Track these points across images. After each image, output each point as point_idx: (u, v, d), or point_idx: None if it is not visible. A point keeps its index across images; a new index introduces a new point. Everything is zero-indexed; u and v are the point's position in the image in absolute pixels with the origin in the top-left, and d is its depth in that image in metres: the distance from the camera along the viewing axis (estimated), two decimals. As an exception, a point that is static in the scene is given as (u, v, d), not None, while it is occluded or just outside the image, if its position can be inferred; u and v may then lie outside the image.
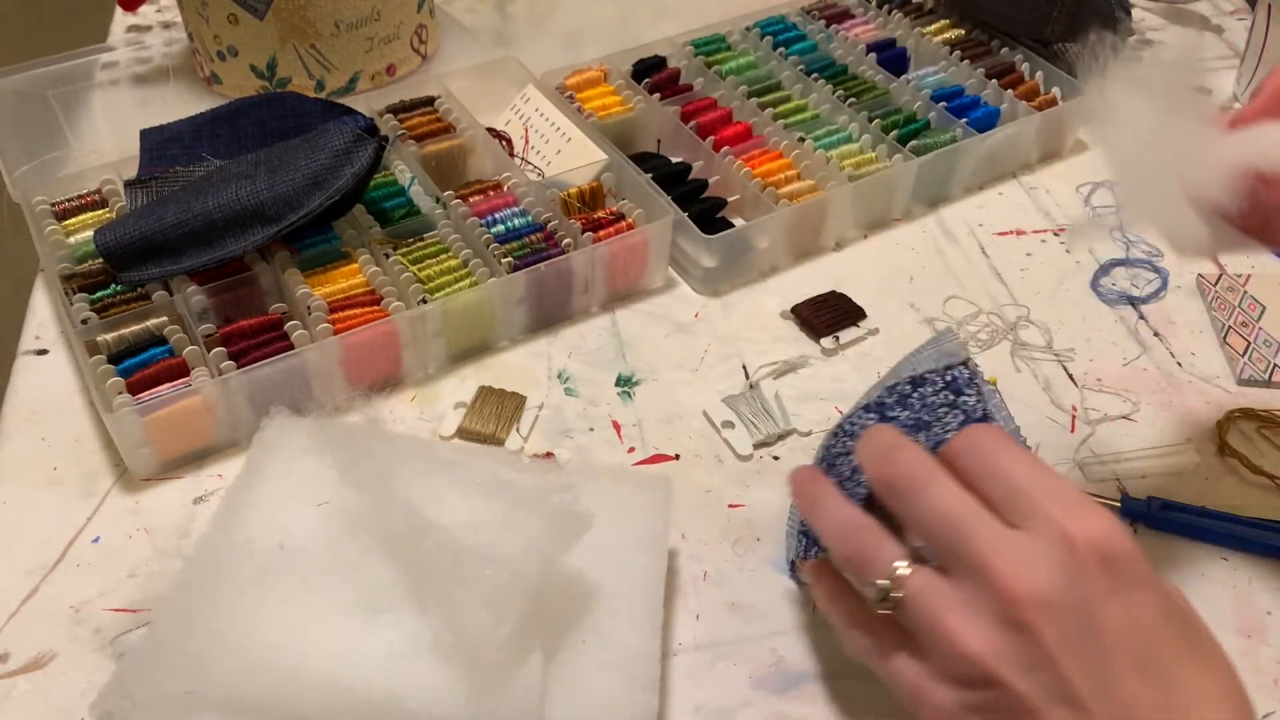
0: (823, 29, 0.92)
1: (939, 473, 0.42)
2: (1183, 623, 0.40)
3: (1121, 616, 0.38)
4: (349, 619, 0.47)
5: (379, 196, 0.73)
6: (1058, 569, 0.38)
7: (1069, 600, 0.38)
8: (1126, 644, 0.38)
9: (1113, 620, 0.38)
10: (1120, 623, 0.38)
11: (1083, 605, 0.38)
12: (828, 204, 0.75)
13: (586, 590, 0.51)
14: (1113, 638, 0.38)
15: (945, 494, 0.41)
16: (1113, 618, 0.38)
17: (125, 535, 0.58)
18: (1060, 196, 0.82)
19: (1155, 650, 0.38)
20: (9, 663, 0.52)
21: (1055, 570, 0.38)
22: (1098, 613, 0.38)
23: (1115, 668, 0.38)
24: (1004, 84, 0.85)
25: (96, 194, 0.74)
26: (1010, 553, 0.39)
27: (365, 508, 0.50)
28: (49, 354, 0.68)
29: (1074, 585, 0.38)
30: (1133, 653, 0.38)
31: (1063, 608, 0.38)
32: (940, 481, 0.42)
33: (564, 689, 0.47)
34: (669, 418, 0.65)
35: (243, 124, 0.77)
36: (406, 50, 0.90)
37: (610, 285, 0.72)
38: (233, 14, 0.83)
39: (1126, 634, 0.38)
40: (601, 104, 0.84)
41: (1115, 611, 0.38)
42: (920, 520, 0.42)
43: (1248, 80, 0.91)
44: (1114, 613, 0.38)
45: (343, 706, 0.45)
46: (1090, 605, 0.38)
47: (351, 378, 0.64)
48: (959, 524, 0.40)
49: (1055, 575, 0.38)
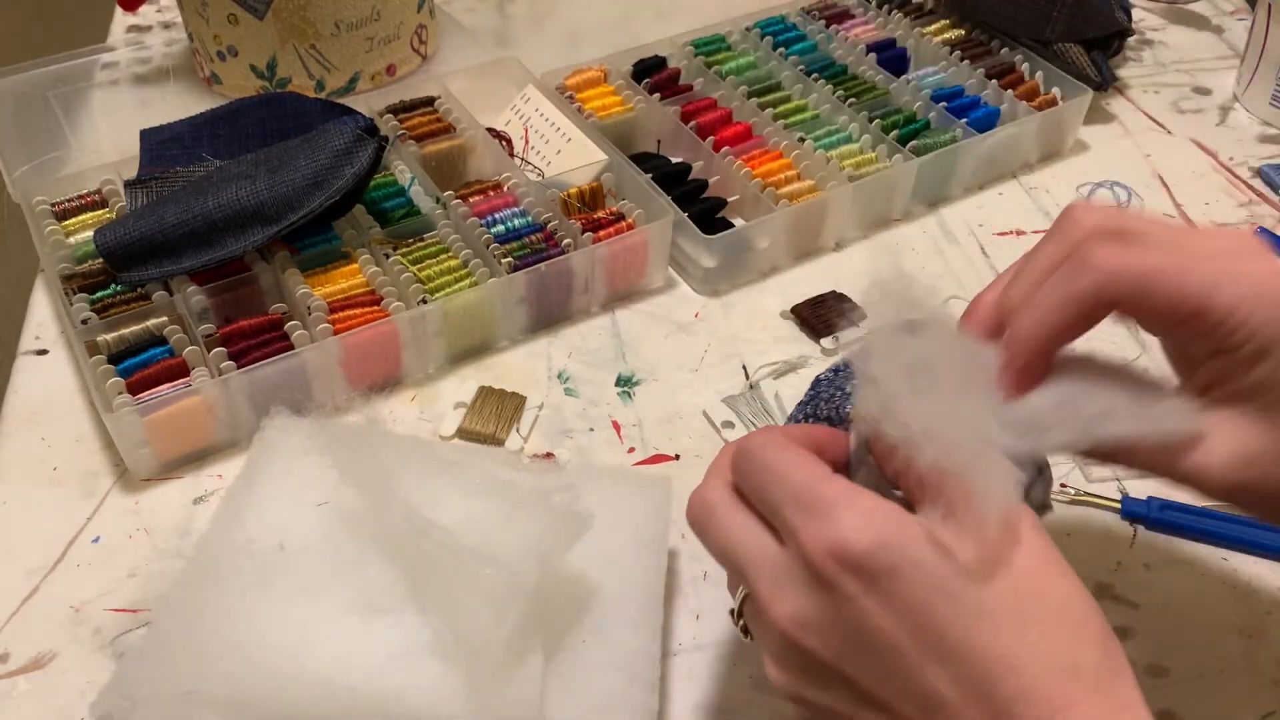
0: (823, 29, 0.92)
1: (716, 507, 0.42)
2: (965, 588, 0.36)
3: (885, 612, 0.36)
4: (349, 619, 0.47)
5: (379, 196, 0.73)
6: (804, 588, 0.38)
7: (826, 616, 0.37)
8: (904, 636, 0.36)
9: (879, 619, 0.36)
10: (887, 619, 0.36)
11: (841, 615, 0.37)
12: (828, 204, 0.75)
13: (586, 590, 0.51)
14: (887, 635, 0.36)
15: (720, 530, 0.42)
16: (877, 616, 0.36)
17: (125, 535, 0.58)
18: (1060, 196, 0.82)
19: (938, 630, 0.36)
20: (9, 663, 0.52)
21: (802, 590, 0.38)
22: (861, 617, 0.37)
23: (904, 662, 0.36)
24: (1004, 84, 0.85)
25: (96, 194, 0.74)
26: (769, 578, 0.39)
27: (365, 508, 0.50)
28: (49, 354, 0.68)
29: (824, 599, 0.37)
30: (915, 641, 0.36)
31: (823, 624, 0.37)
32: (716, 517, 0.42)
33: (564, 689, 0.47)
34: (669, 418, 0.65)
35: (243, 124, 0.77)
36: (406, 50, 0.90)
37: (610, 285, 0.72)
38: (233, 14, 0.83)
39: (899, 626, 0.36)
40: (601, 104, 0.84)
41: (876, 608, 0.36)
42: (713, 556, 0.42)
43: (1248, 80, 0.91)
44: (876, 610, 0.36)
45: (343, 706, 0.45)
46: (849, 612, 0.37)
47: (351, 378, 0.64)
48: (735, 558, 0.41)
49: (803, 595, 0.38)
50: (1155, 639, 0.53)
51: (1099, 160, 0.86)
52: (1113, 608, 0.54)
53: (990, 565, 0.36)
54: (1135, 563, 0.57)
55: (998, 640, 0.35)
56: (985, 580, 0.36)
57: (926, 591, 0.36)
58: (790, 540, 0.38)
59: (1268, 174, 0.84)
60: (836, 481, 0.39)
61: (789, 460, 0.40)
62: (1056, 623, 0.36)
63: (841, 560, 0.37)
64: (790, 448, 0.40)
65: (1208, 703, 0.50)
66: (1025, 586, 0.36)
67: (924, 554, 0.36)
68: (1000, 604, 0.36)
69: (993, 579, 0.36)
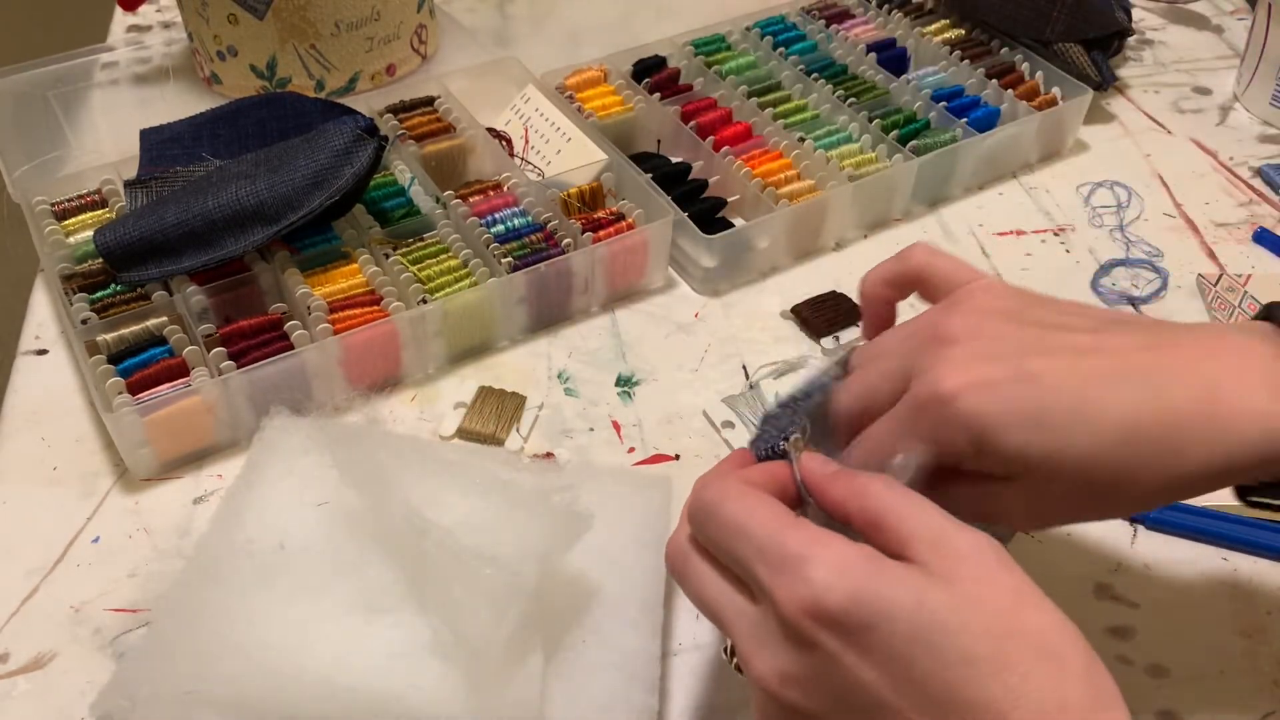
0: (823, 29, 0.92)
1: (689, 559, 0.41)
2: (944, 636, 0.35)
3: (866, 666, 0.36)
4: (349, 619, 0.47)
5: (379, 196, 0.73)
6: (783, 646, 0.37)
7: (807, 671, 0.37)
8: (886, 688, 0.35)
9: (860, 673, 0.36)
10: (868, 673, 0.36)
11: (822, 671, 0.36)
12: (828, 204, 0.75)
13: (586, 590, 0.51)
14: (870, 688, 0.35)
15: (694, 584, 0.41)
16: (858, 670, 0.36)
17: (125, 535, 0.58)
18: (1060, 196, 0.82)
19: (920, 681, 0.35)
20: (9, 663, 0.52)
21: (781, 647, 0.37)
22: (842, 672, 0.36)
23: (888, 714, 0.35)
24: (1004, 84, 0.85)
25: (96, 194, 0.74)
26: (747, 634, 0.38)
27: (365, 508, 0.50)
28: (49, 354, 0.68)
29: (804, 656, 0.37)
30: (897, 693, 0.35)
31: (805, 679, 0.37)
32: (689, 568, 0.41)
33: (564, 689, 0.47)
34: (669, 418, 0.65)
35: (243, 124, 0.77)
36: (406, 50, 0.90)
37: (610, 285, 0.72)
38: (233, 14, 0.83)
39: (881, 679, 0.35)
40: (601, 104, 0.84)
41: (856, 662, 0.36)
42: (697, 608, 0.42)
43: (1248, 80, 0.91)
44: (856, 664, 0.36)
45: (343, 706, 0.45)
46: (829, 668, 0.36)
47: (351, 378, 0.64)
48: (712, 613, 0.40)
49: (782, 652, 0.37)
50: (1155, 639, 0.53)
51: (1099, 160, 0.86)
52: (1113, 608, 0.54)
53: (966, 607, 0.35)
54: (1135, 563, 0.57)
55: (981, 687, 0.35)
56: (962, 625, 0.35)
57: (905, 643, 0.35)
58: (763, 598, 0.38)
59: (1268, 174, 0.84)
60: (800, 529, 0.38)
61: (748, 511, 0.39)
62: (1037, 660, 0.35)
63: (817, 618, 0.36)
64: (747, 495, 0.40)
65: (1208, 703, 0.50)
66: (1002, 627, 0.35)
67: (899, 604, 0.35)
68: (979, 649, 0.35)
69: (969, 623, 0.35)
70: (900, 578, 0.36)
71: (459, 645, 0.45)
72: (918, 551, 0.37)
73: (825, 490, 0.41)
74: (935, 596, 0.35)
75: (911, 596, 0.36)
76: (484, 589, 0.45)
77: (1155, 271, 0.75)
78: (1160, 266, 0.75)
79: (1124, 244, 0.78)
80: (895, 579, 0.36)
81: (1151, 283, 0.74)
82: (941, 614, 0.35)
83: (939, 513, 0.38)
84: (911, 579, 0.36)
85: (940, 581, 0.36)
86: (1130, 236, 0.78)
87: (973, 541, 0.37)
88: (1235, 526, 0.57)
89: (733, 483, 0.41)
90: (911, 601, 0.35)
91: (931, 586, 0.36)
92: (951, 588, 0.36)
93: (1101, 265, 0.76)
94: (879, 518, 0.38)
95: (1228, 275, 0.74)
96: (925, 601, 0.35)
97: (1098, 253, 0.77)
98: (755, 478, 0.42)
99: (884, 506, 0.38)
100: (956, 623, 0.35)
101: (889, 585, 0.36)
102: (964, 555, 0.37)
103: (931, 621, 0.35)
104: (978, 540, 0.37)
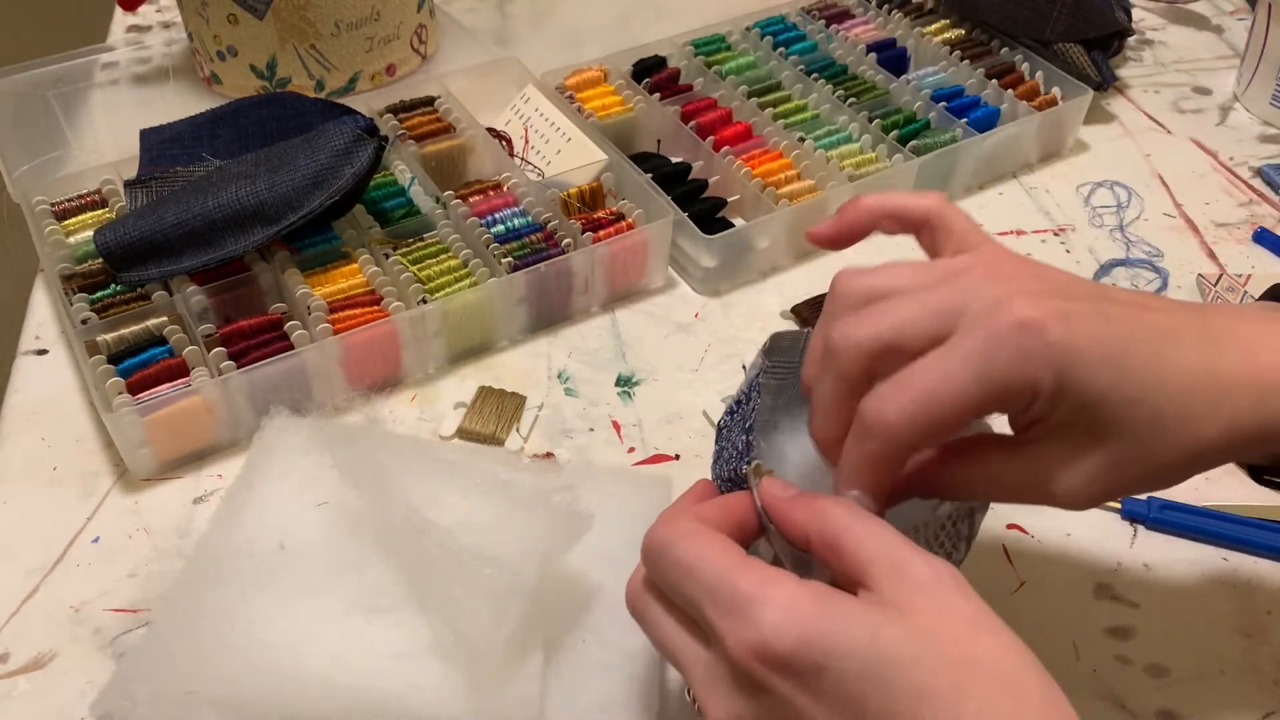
0: (823, 29, 0.92)
1: (646, 601, 0.41)
2: (897, 672, 0.34)
3: (819, 707, 0.35)
4: (349, 619, 0.47)
5: (379, 196, 0.73)
6: (735, 690, 0.37)
7: (760, 715, 0.36)
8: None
9: (813, 714, 0.35)
10: (822, 714, 0.35)
11: (777, 715, 0.36)
12: (828, 204, 0.75)
13: (586, 590, 0.51)
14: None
15: (650, 626, 0.41)
16: (811, 711, 0.35)
17: (125, 535, 0.58)
18: (1060, 196, 0.82)
19: (882, 713, 0.34)
20: (9, 663, 0.52)
21: (733, 692, 0.37)
22: (797, 714, 0.35)
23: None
24: (1004, 84, 0.85)
25: (96, 194, 0.74)
26: (701, 679, 0.38)
27: (365, 508, 0.50)
28: (49, 354, 0.68)
29: (756, 700, 0.36)
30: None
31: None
32: (646, 612, 0.41)
33: (564, 689, 0.47)
34: (669, 418, 0.65)
35: (243, 124, 0.77)
36: (406, 50, 0.90)
37: (610, 285, 0.72)
38: (233, 14, 0.83)
39: (839, 718, 0.35)
40: (601, 104, 0.84)
41: (809, 705, 0.35)
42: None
43: (1248, 80, 0.91)
44: (809, 706, 0.35)
45: (343, 706, 0.45)
46: (783, 712, 0.36)
47: (351, 378, 0.64)
48: (668, 655, 0.40)
49: (735, 697, 0.37)
50: (1155, 639, 0.53)
51: (1099, 160, 0.86)
52: (1113, 608, 0.54)
53: (921, 639, 0.35)
54: (1135, 563, 0.57)
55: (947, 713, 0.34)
56: (916, 659, 0.34)
57: (858, 681, 0.34)
58: (715, 643, 0.37)
59: (1268, 174, 0.84)
60: (750, 570, 0.37)
61: (699, 552, 0.38)
62: (994, 688, 0.34)
63: (766, 661, 0.35)
64: (697, 535, 0.39)
65: (1208, 703, 0.50)
66: (957, 655, 0.35)
67: (851, 642, 0.35)
68: (934, 681, 0.34)
69: (924, 656, 0.34)
70: (852, 614, 0.35)
71: (459, 645, 0.45)
72: (875, 577, 0.36)
73: (786, 516, 0.40)
74: (889, 631, 0.35)
75: (865, 633, 0.35)
76: (484, 589, 0.45)
77: (1155, 271, 0.75)
78: (1160, 266, 0.75)
79: (1124, 244, 0.78)
80: (846, 616, 0.35)
81: (1151, 283, 0.74)
82: (895, 648, 0.35)
83: (898, 538, 0.37)
84: (864, 614, 0.35)
85: (895, 614, 0.35)
86: (1130, 236, 0.78)
87: (930, 568, 0.36)
88: (1235, 526, 0.57)
89: (684, 521, 0.40)
90: (865, 638, 0.35)
91: (886, 621, 0.35)
92: (906, 620, 0.35)
93: (1101, 265, 0.76)
94: (837, 542, 0.38)
95: (1228, 275, 0.74)
96: (878, 637, 0.35)
97: (1098, 253, 0.77)
98: (709, 515, 0.41)
99: (843, 531, 0.38)
100: (910, 657, 0.34)
101: (840, 624, 0.35)
102: (921, 583, 0.36)
103: (884, 657, 0.34)
104: (935, 567, 0.37)
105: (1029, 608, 0.54)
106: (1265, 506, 0.59)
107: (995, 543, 0.57)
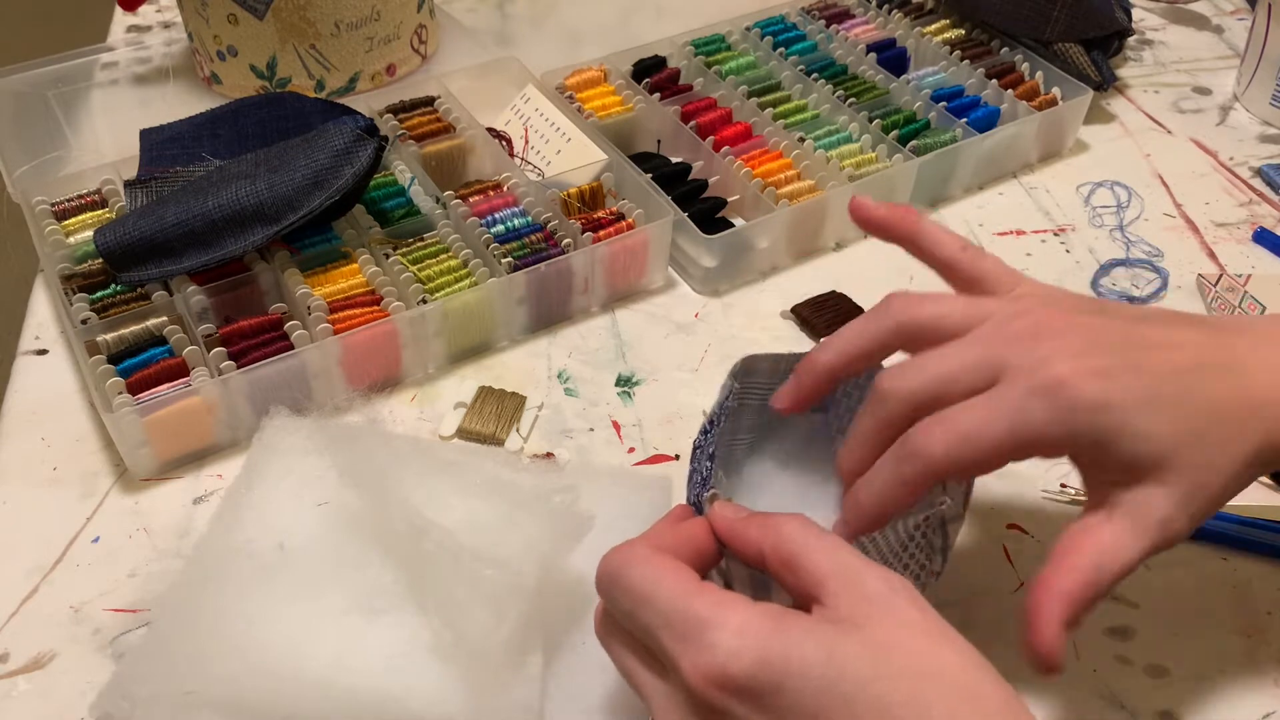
0: (823, 29, 0.92)
1: (610, 628, 0.41)
2: (856, 688, 0.35)
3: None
4: (349, 619, 0.47)
5: (379, 196, 0.73)
6: (695, 717, 0.37)
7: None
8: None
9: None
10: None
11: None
12: (828, 204, 0.75)
13: (586, 590, 0.50)
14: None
15: (613, 655, 0.41)
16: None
17: (125, 535, 0.58)
18: (1060, 196, 0.82)
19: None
20: (9, 663, 0.52)
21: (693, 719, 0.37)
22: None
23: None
24: (1004, 84, 0.85)
25: (96, 194, 0.74)
26: (661, 709, 0.38)
27: (365, 508, 0.50)
28: (49, 354, 0.68)
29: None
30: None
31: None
32: (609, 641, 0.41)
33: (564, 689, 0.47)
34: (669, 418, 0.65)
35: (243, 124, 0.77)
36: (406, 50, 0.90)
37: (610, 285, 0.72)
38: (233, 14, 0.83)
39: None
40: (601, 104, 0.84)
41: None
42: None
43: (1248, 80, 0.91)
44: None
45: (343, 707, 0.45)
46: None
47: (351, 378, 0.64)
48: (630, 683, 0.40)
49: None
50: (1155, 639, 0.53)
51: (1099, 160, 0.86)
52: (1113, 608, 0.54)
53: (878, 653, 0.35)
54: (1135, 563, 0.57)
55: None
56: (875, 673, 0.35)
57: (817, 700, 0.34)
58: (671, 671, 0.37)
59: (1268, 174, 0.84)
60: (704, 594, 0.37)
61: (653, 577, 0.38)
62: (954, 698, 0.35)
63: (724, 687, 0.35)
64: (650, 561, 0.39)
65: (1208, 703, 0.50)
66: (917, 668, 0.35)
67: (808, 660, 0.35)
68: (896, 695, 0.34)
69: (882, 669, 0.35)
70: (807, 631, 0.36)
71: (459, 646, 0.45)
72: (830, 590, 0.37)
73: (739, 535, 0.40)
74: (845, 646, 0.35)
75: (821, 650, 0.35)
76: (484, 590, 0.45)
77: (1155, 271, 0.75)
78: (1160, 266, 0.75)
79: (1124, 244, 0.78)
80: (802, 634, 0.35)
81: (1151, 283, 0.74)
82: (852, 664, 0.35)
83: (851, 552, 0.38)
84: (820, 631, 0.36)
85: (850, 628, 0.35)
86: (1130, 236, 0.78)
87: (884, 581, 0.37)
88: (1235, 526, 0.57)
89: (638, 548, 0.40)
90: (821, 655, 0.35)
91: (841, 636, 0.35)
92: (862, 633, 0.35)
93: (1101, 265, 0.76)
94: (792, 558, 0.38)
95: (1228, 275, 0.74)
96: (835, 653, 0.35)
97: (1098, 253, 0.77)
98: (665, 542, 0.41)
99: (796, 547, 0.38)
100: (869, 671, 0.35)
101: (795, 642, 0.35)
102: (874, 596, 0.36)
103: (842, 673, 0.35)
104: (889, 579, 0.37)
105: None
106: (1265, 506, 0.59)
107: (995, 543, 0.57)
